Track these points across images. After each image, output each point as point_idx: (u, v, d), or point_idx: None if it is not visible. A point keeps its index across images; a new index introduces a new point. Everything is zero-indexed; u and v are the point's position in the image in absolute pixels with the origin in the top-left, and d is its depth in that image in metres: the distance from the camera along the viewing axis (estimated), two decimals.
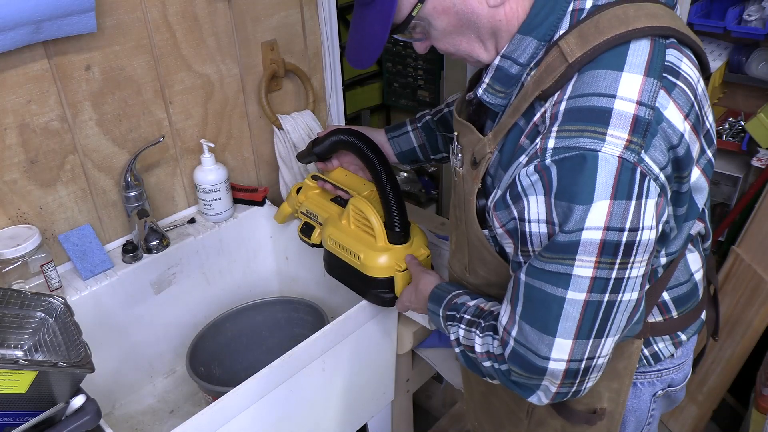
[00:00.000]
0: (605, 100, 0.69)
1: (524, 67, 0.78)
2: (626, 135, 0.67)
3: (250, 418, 1.03)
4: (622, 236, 0.69)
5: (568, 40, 0.73)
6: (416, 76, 2.71)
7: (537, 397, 0.82)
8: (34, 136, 1.13)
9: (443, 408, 1.88)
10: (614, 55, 0.71)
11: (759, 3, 1.66)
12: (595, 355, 0.77)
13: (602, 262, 0.70)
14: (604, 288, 0.72)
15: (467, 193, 0.88)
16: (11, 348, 0.91)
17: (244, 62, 1.38)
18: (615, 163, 0.67)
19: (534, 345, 0.76)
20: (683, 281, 0.92)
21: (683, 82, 0.73)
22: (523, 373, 0.79)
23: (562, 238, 0.70)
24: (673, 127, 0.71)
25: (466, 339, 0.88)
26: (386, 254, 1.11)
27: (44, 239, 1.18)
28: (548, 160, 0.69)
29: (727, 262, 1.83)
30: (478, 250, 0.91)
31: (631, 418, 1.01)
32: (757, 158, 1.74)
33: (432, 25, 0.81)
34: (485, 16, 0.78)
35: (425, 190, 2.76)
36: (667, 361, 0.97)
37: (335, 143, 1.22)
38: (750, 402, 1.78)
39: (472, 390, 1.18)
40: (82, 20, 1.05)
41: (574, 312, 0.73)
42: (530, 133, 0.75)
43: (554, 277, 0.73)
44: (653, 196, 0.69)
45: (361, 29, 0.83)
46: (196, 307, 1.43)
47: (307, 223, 1.29)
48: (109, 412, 1.33)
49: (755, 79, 1.74)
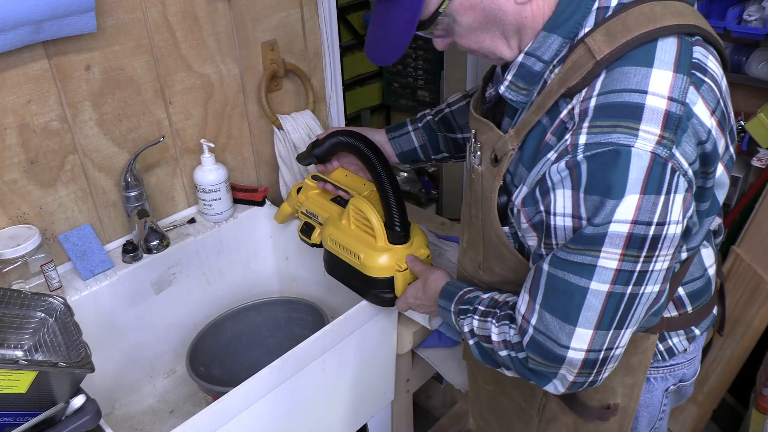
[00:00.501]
0: (637, 96, 0.69)
1: (548, 64, 0.79)
2: (659, 130, 0.68)
3: (250, 418, 1.03)
4: (649, 230, 0.70)
5: (596, 37, 0.73)
6: (416, 76, 2.71)
7: (553, 386, 0.83)
8: (34, 136, 1.13)
9: (443, 408, 1.88)
10: (643, 52, 0.72)
11: (759, 3, 1.65)
12: (613, 346, 0.78)
13: (628, 254, 0.71)
14: (627, 280, 0.73)
15: (487, 191, 0.88)
16: (11, 348, 0.91)
17: (244, 62, 1.38)
18: (647, 158, 0.68)
19: (554, 333, 0.77)
20: (698, 276, 0.93)
21: (710, 78, 0.74)
22: (541, 361, 0.80)
23: (590, 230, 0.71)
24: (702, 123, 0.71)
25: (481, 329, 0.89)
26: (386, 254, 1.11)
27: (44, 239, 1.18)
28: (580, 156, 0.70)
29: (727, 262, 1.83)
30: (496, 248, 0.91)
31: (643, 413, 1.01)
32: (757, 158, 1.74)
33: (457, 22, 0.81)
34: (512, 12, 0.78)
35: (425, 190, 2.76)
36: (680, 356, 0.98)
37: (335, 145, 1.21)
38: (750, 402, 1.78)
39: (479, 389, 1.18)
40: (82, 20, 1.05)
41: (597, 303, 0.74)
42: (556, 130, 0.76)
43: (579, 268, 0.73)
44: (681, 191, 0.70)
45: (385, 25, 0.82)
46: (196, 307, 1.43)
47: (307, 223, 1.29)
48: (109, 412, 1.33)
49: (755, 79, 1.74)
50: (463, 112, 1.21)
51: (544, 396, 1.00)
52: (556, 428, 1.02)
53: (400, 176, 2.72)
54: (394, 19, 0.80)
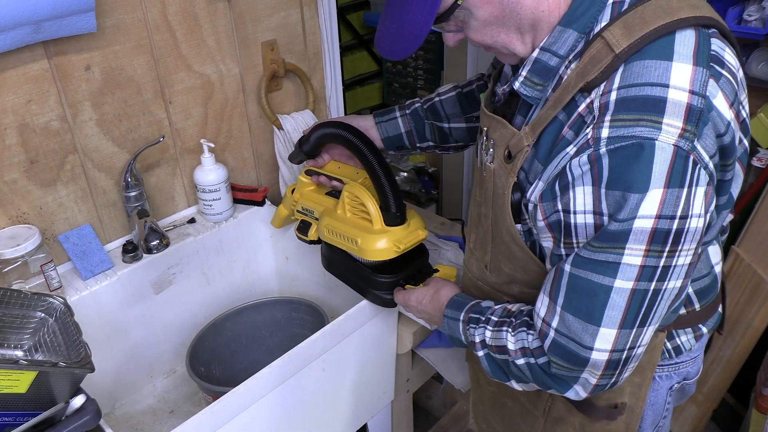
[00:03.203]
0: (659, 90, 0.69)
1: (563, 59, 0.78)
2: (681, 123, 0.68)
3: (250, 418, 1.03)
4: (673, 224, 0.69)
5: (613, 31, 0.73)
6: (416, 76, 2.71)
7: (574, 392, 0.82)
8: (34, 136, 1.13)
9: (443, 408, 1.88)
10: (661, 45, 0.71)
11: (759, 3, 1.65)
12: (636, 344, 0.77)
13: (652, 250, 0.71)
14: (651, 276, 0.72)
15: (500, 188, 0.87)
16: (11, 348, 0.91)
17: (244, 62, 1.38)
18: (671, 151, 0.67)
19: (577, 335, 0.76)
20: (705, 273, 0.93)
21: (727, 71, 0.74)
22: (564, 364, 0.79)
23: (614, 227, 0.70)
24: (722, 116, 0.72)
25: (494, 339, 0.87)
26: (384, 237, 1.09)
27: (44, 239, 1.18)
28: (603, 149, 0.70)
29: (727, 262, 1.83)
30: (506, 246, 0.90)
31: (648, 412, 1.01)
32: (757, 158, 1.74)
33: (473, 15, 0.80)
34: (529, 6, 0.77)
35: (425, 190, 2.76)
36: (685, 354, 0.97)
37: (320, 138, 1.21)
38: (750, 402, 1.78)
39: (481, 392, 1.17)
40: (82, 20, 1.05)
41: (621, 301, 0.73)
42: (574, 124, 0.75)
43: (602, 266, 0.73)
44: (703, 184, 0.70)
45: (399, 18, 0.80)
46: (196, 307, 1.43)
47: (303, 220, 1.29)
48: (109, 412, 1.33)
49: (755, 79, 1.74)
50: (452, 103, 1.21)
51: (550, 396, 1.00)
52: (563, 429, 1.01)
53: (399, 176, 2.72)
54: (411, 11, 0.78)
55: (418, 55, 2.66)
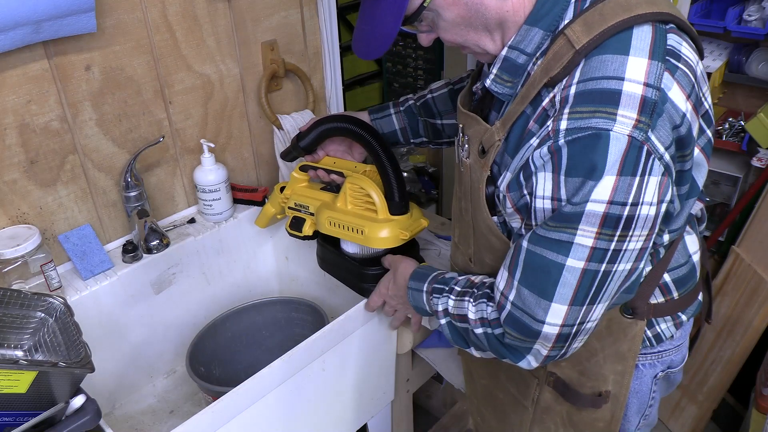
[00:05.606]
0: (614, 83, 0.72)
1: (531, 56, 0.81)
2: (635, 115, 0.71)
3: (250, 418, 1.03)
4: (624, 210, 0.72)
5: (574, 28, 0.76)
6: (416, 76, 2.71)
7: (527, 362, 0.86)
8: (34, 136, 1.13)
9: (443, 408, 1.89)
10: (619, 40, 0.74)
11: (759, 3, 1.65)
12: (585, 320, 0.81)
13: (603, 233, 0.74)
14: (602, 258, 0.76)
15: (475, 182, 0.90)
16: (11, 348, 0.92)
17: (244, 62, 1.39)
18: (625, 141, 0.70)
19: (531, 309, 0.80)
20: (683, 263, 0.96)
21: (684, 64, 0.76)
22: (517, 335, 0.83)
23: (569, 208, 0.74)
24: (677, 108, 0.74)
25: (456, 308, 0.92)
26: (389, 226, 1.12)
27: (44, 239, 1.18)
28: (561, 141, 0.72)
29: (727, 262, 1.83)
30: (485, 238, 0.93)
31: (633, 401, 1.03)
32: (757, 158, 1.74)
33: (441, 16, 0.83)
34: (493, 7, 0.80)
35: (425, 190, 2.76)
36: (667, 342, 1.00)
37: (323, 132, 1.23)
38: (750, 402, 1.78)
39: (474, 386, 1.19)
40: (82, 20, 1.05)
41: (572, 279, 0.77)
42: (539, 117, 0.78)
43: (556, 245, 0.76)
44: (656, 174, 0.73)
45: (371, 20, 0.84)
46: (196, 307, 1.43)
47: (296, 217, 1.29)
48: (109, 412, 1.33)
49: (755, 79, 1.74)
50: (444, 99, 1.24)
51: (538, 386, 1.03)
52: (551, 418, 1.04)
53: None
54: (381, 14, 0.82)
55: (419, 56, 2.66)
